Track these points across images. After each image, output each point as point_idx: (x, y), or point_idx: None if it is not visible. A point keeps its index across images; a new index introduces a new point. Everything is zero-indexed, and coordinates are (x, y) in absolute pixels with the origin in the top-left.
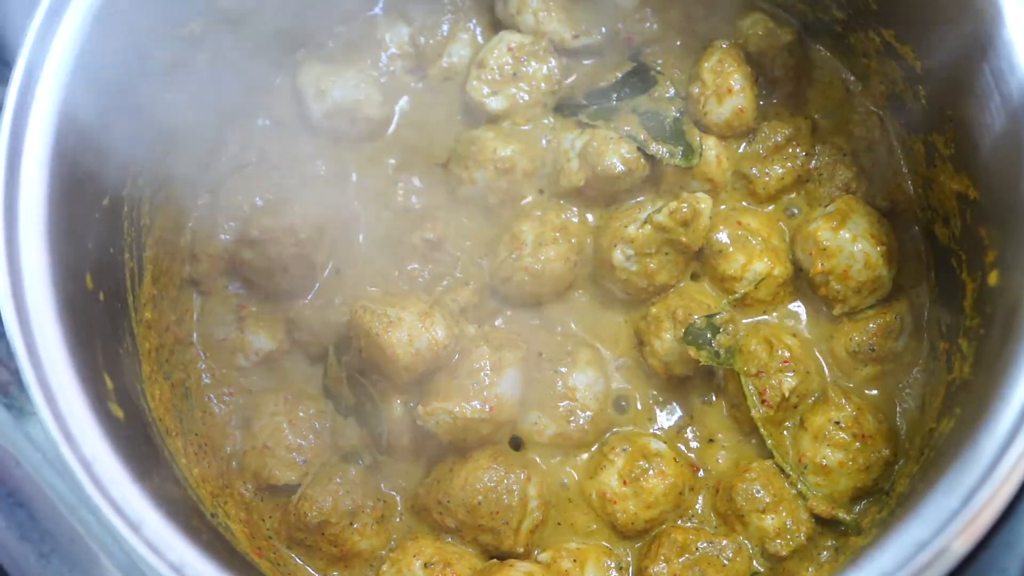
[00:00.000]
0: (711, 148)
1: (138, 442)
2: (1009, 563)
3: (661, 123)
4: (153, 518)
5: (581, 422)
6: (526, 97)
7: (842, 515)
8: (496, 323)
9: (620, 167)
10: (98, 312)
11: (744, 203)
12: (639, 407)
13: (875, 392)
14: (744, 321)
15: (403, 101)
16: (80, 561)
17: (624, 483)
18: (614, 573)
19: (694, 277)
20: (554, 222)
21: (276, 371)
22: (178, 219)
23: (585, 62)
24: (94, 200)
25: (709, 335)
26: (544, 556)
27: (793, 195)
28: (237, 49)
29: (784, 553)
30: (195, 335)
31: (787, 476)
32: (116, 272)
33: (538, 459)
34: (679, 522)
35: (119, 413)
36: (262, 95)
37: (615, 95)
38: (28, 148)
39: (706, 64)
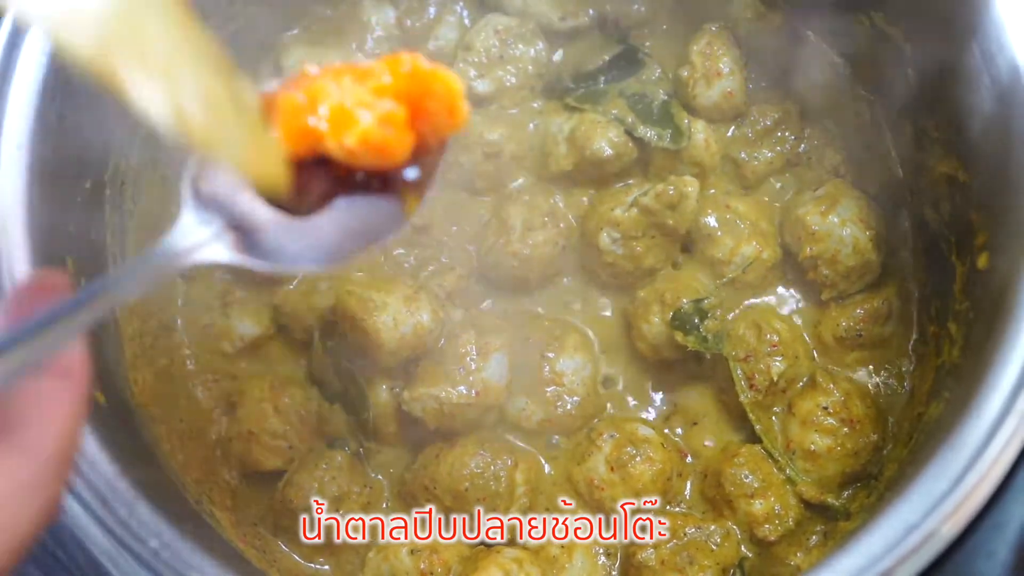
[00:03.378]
0: (700, 131)
1: (120, 428)
2: (998, 545)
3: (649, 106)
4: (136, 505)
5: (568, 407)
6: (513, 80)
7: (831, 500)
8: (483, 308)
9: (608, 151)
10: None
11: (733, 187)
12: (627, 392)
13: (863, 377)
14: (735, 307)
15: None
16: (62, 549)
17: (611, 469)
18: (602, 559)
19: (682, 261)
20: (542, 206)
21: (261, 357)
22: (162, 203)
23: (573, 45)
24: (75, 183)
25: (697, 320)
26: (532, 542)
27: (782, 179)
28: (221, 32)
29: (773, 538)
30: (179, 321)
31: (776, 461)
32: (98, 257)
33: (525, 445)
34: (667, 507)
35: (101, 399)
36: (246, 78)
37: (603, 78)
38: (7, 130)
39: (695, 47)
